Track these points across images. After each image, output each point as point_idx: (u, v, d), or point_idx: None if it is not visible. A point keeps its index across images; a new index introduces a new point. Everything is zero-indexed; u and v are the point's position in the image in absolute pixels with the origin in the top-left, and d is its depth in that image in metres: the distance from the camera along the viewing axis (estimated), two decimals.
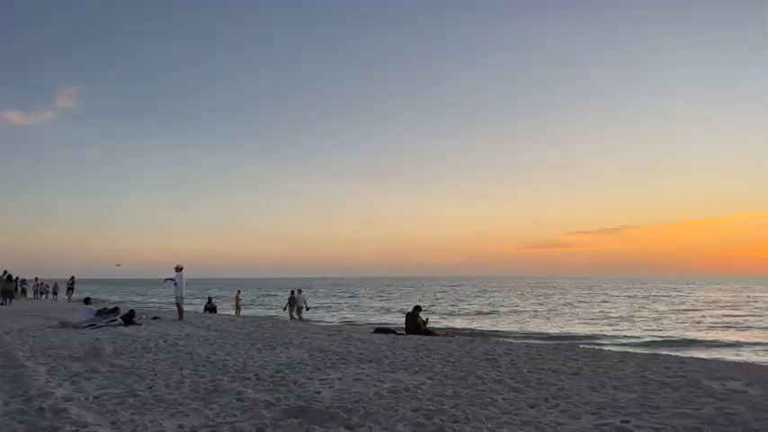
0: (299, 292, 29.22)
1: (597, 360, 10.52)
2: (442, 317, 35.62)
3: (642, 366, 9.75)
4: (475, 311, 41.54)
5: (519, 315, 37.60)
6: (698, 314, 37.29)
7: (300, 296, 28.92)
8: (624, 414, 6.14)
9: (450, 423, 5.65)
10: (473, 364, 9.68)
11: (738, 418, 5.97)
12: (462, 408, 6.35)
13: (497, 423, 5.73)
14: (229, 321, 21.52)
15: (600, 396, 7.11)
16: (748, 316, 35.52)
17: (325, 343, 13.04)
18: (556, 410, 6.35)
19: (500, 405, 6.55)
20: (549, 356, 10.93)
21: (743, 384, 7.99)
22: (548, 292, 79.73)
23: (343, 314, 40.58)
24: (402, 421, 5.73)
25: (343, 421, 5.72)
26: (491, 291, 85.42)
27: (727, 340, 22.87)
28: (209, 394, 7.13)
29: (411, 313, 18.51)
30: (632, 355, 12.28)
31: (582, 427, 5.60)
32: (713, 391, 7.46)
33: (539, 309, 43.83)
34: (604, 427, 5.62)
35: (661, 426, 5.66)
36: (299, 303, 28.53)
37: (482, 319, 35.22)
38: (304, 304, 28.92)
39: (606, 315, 36.94)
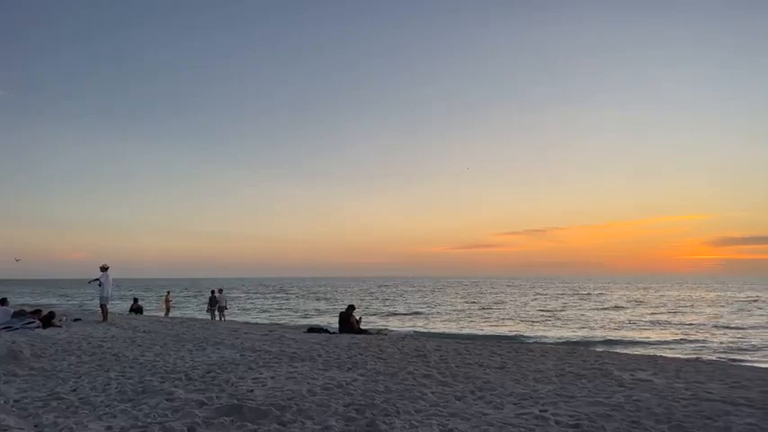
0: (219, 292, 28.75)
1: (521, 355, 11.06)
2: (376, 316, 35.94)
3: (562, 360, 10.35)
4: (408, 311, 42.15)
5: (451, 314, 38.49)
6: (620, 312, 39.47)
7: (222, 296, 28.49)
8: (543, 404, 6.57)
9: (382, 416, 5.85)
10: (404, 361, 9.95)
11: (644, 404, 6.52)
12: (393, 402, 6.57)
13: (426, 415, 5.99)
14: (157, 322, 20.91)
15: (522, 387, 7.54)
16: (664, 313, 37.96)
17: (258, 343, 12.98)
18: (481, 402, 6.69)
19: (429, 398, 6.83)
20: (477, 352, 11.38)
21: (649, 374, 8.67)
22: (479, 291, 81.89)
23: (275, 314, 40.16)
24: (335, 416, 5.88)
25: (276, 418, 5.80)
26: (425, 290, 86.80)
27: (641, 336, 24.40)
28: (137, 395, 7.01)
29: (344, 312, 18.65)
30: (553, 349, 12.95)
31: (504, 417, 5.95)
32: (623, 380, 8.06)
33: (470, 307, 45.00)
34: (525, 415, 6.00)
35: (575, 413, 6.10)
36: (220, 303, 28.11)
37: (415, 318, 35.80)
38: (225, 304, 28.57)
39: (534, 314, 38.44)
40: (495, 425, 5.58)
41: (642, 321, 31.86)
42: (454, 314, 38.07)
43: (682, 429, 5.48)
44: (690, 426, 5.61)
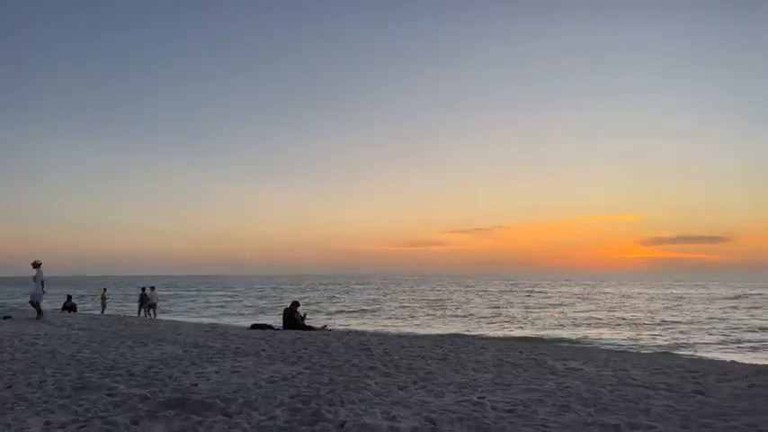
0: (151, 290, 28.16)
1: (462, 347, 11.45)
2: (321, 313, 35.93)
3: (500, 351, 10.79)
4: (354, 308, 42.33)
5: (396, 311, 38.93)
6: (560, 308, 40.97)
7: (153, 293, 27.92)
8: (481, 391, 6.88)
9: (327, 406, 6.00)
10: (349, 354, 10.13)
11: (574, 391, 6.95)
12: (338, 392, 6.73)
13: (370, 404, 6.18)
14: (93, 320, 20.25)
15: (461, 377, 7.85)
16: (602, 309, 39.70)
17: (201, 339, 12.85)
18: (423, 391, 6.95)
19: (373, 389, 7.02)
20: (420, 345, 11.69)
21: (580, 364, 9.18)
22: (426, 288, 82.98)
23: (217, 311, 39.50)
24: (280, 407, 5.98)
25: (222, 410, 5.85)
26: (371, 288, 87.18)
27: (579, 330, 25.50)
28: (76, 392, 6.87)
29: (289, 309, 18.63)
30: (493, 342, 13.45)
31: (444, 404, 6.22)
32: (556, 369, 8.52)
33: (417, 305, 45.62)
34: (464, 402, 6.29)
35: (511, 399, 6.44)
36: (151, 300, 27.54)
37: (361, 315, 36.03)
38: (157, 301, 28.05)
39: (478, 311, 39.39)
40: (436, 411, 5.84)
41: (581, 316, 33.25)
42: (399, 311, 38.53)
43: (607, 412, 5.90)
44: (614, 408, 6.04)
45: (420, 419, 5.54)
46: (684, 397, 6.68)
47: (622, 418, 5.61)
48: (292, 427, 5.25)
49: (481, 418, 5.61)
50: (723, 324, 26.63)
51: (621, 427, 5.30)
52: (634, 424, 5.42)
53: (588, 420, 5.56)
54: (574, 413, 5.84)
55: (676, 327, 25.91)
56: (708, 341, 20.26)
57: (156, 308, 27.63)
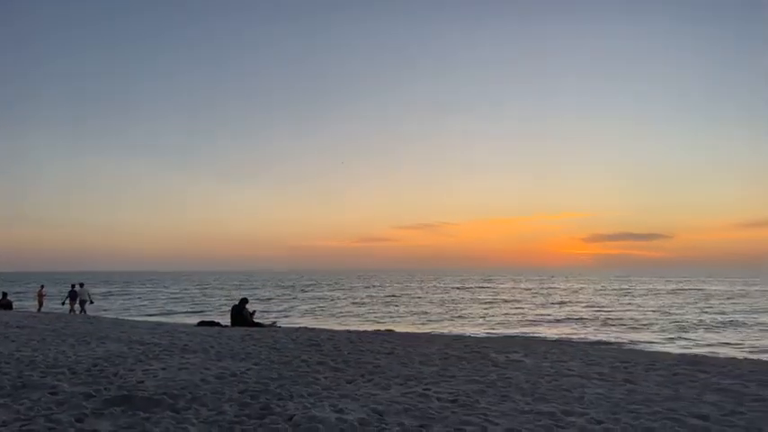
0: (80, 286, 27.36)
1: (409, 341, 11.72)
2: (272, 311, 35.65)
3: (446, 345, 11.11)
4: (306, 305, 42.18)
5: (349, 307, 39.02)
6: (508, 303, 42.04)
7: (83, 290, 27.14)
8: (426, 383, 7.14)
9: (275, 400, 6.11)
10: (298, 350, 10.22)
11: (514, 381, 7.29)
12: (287, 387, 6.84)
13: (318, 398, 6.33)
14: (32, 317, 19.50)
15: (408, 370, 8.09)
16: (546, 304, 40.97)
17: (146, 336, 12.63)
18: (370, 384, 7.14)
19: (322, 383, 7.17)
20: (368, 340, 11.89)
21: (521, 356, 9.59)
22: (376, 284, 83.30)
23: (165, 308, 38.58)
24: (229, 402, 6.04)
25: (170, 406, 5.87)
26: (321, 284, 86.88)
27: (524, 323, 26.31)
28: (16, 390, 6.71)
29: (237, 306, 18.49)
30: (440, 337, 13.80)
31: (391, 396, 6.43)
32: (498, 361, 8.89)
33: (369, 300, 45.83)
34: (409, 394, 6.52)
35: (454, 390, 6.72)
36: (81, 297, 26.77)
37: (312, 311, 35.95)
38: (88, 298, 27.29)
39: (428, 307, 39.95)
40: (383, 403, 6.04)
41: (527, 310, 34.24)
42: (351, 308, 38.65)
43: (543, 401, 6.25)
44: (550, 397, 6.41)
45: (367, 411, 5.72)
46: (615, 385, 7.13)
47: (557, 406, 5.96)
48: (241, 421, 5.34)
49: (426, 408, 5.84)
50: (657, 316, 28.01)
51: (556, 414, 5.64)
52: (568, 411, 5.78)
53: (525, 409, 5.88)
54: (512, 402, 6.16)
55: (615, 320, 27.07)
56: (643, 333, 21.31)
57: (86, 304, 26.87)
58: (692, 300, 41.81)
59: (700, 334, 20.65)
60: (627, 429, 5.11)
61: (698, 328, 22.73)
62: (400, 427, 5.06)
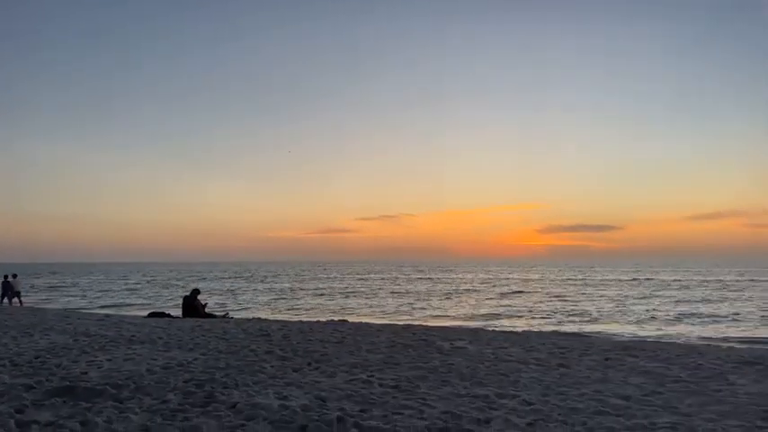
0: (13, 277, 26.64)
1: (359, 331, 11.93)
2: (226, 302, 35.32)
3: (395, 334, 11.37)
4: (262, 296, 41.92)
5: (306, 299, 39.00)
6: (466, 294, 42.77)
7: (16, 281, 26.44)
8: (371, 371, 7.35)
9: (221, 389, 6.20)
10: (247, 340, 10.28)
11: (455, 367, 7.59)
12: (233, 376, 6.94)
13: (264, 386, 6.46)
14: None
15: (355, 358, 8.29)
16: (503, 294, 41.91)
17: (93, 328, 12.44)
18: (316, 372, 7.31)
19: (268, 371, 7.29)
20: (319, 330, 12.04)
21: (466, 343, 9.93)
22: (334, 275, 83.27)
23: (114, 300, 37.71)
24: (173, 391, 6.11)
25: (112, 396, 5.89)
26: (281, 275, 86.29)
27: (478, 313, 26.92)
28: None
29: (189, 297, 18.31)
30: (391, 326, 14.06)
31: (335, 383, 6.61)
32: (443, 348, 9.19)
33: (327, 291, 45.86)
34: (354, 381, 6.72)
35: (397, 376, 6.96)
36: (15, 288, 26.08)
37: (268, 303, 35.78)
38: (20, 289, 26.62)
39: (385, 297, 40.30)
40: (326, 390, 6.22)
41: (483, 300, 34.99)
42: (308, 299, 38.65)
43: (480, 385, 6.56)
44: (487, 381, 6.72)
45: (310, 398, 5.89)
46: (549, 370, 7.51)
47: (493, 390, 6.27)
48: (184, 409, 5.42)
49: (368, 394, 6.06)
50: (611, 306, 29.08)
51: (490, 396, 5.94)
52: (502, 394, 6.09)
53: (463, 392, 6.17)
54: (451, 386, 6.44)
55: (568, 309, 27.98)
56: (586, 320, 22.16)
57: (20, 295, 26.15)
58: (645, 289, 43.51)
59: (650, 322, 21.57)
60: (554, 410, 5.44)
61: (648, 316, 23.75)
62: (341, 412, 5.24)
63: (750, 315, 23.52)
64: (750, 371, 7.42)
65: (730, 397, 5.97)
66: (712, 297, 33.45)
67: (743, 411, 5.40)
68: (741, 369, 7.52)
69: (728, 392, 6.18)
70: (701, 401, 5.79)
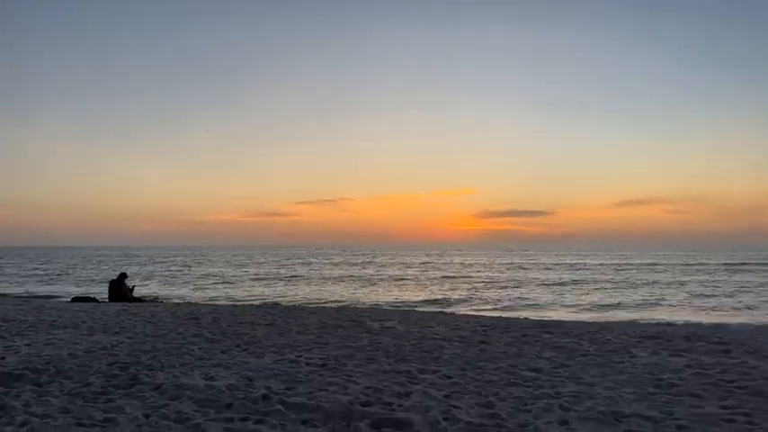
0: None
1: (291, 313, 12.03)
2: (155, 286, 34.39)
3: (327, 316, 11.55)
4: (196, 280, 41.02)
5: (240, 284, 38.49)
6: (403, 280, 43.38)
7: None
8: (300, 351, 7.51)
9: (146, 371, 6.20)
10: (175, 323, 10.18)
11: (382, 345, 7.86)
12: (159, 358, 6.92)
13: (190, 367, 6.49)
14: None
15: (284, 339, 8.42)
16: (436, 278, 42.81)
17: (11, 312, 11.92)
18: (245, 353, 7.39)
19: (196, 353, 7.31)
20: (251, 313, 12.05)
21: (395, 323, 10.24)
22: (272, 259, 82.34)
23: (42, 284, 35.93)
24: (96, 375, 6.05)
25: (32, 380, 5.79)
26: (216, 259, 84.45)
27: (416, 295, 27.48)
28: None
29: (115, 281, 17.77)
30: (323, 308, 14.24)
31: (263, 363, 6.73)
32: (372, 328, 9.45)
33: (263, 275, 45.38)
34: (282, 361, 6.86)
35: (325, 356, 7.15)
36: None
37: (201, 287, 35.09)
38: None
39: (324, 281, 40.35)
40: (254, 370, 6.33)
41: (423, 282, 35.69)
42: (242, 283, 38.18)
43: (404, 361, 6.85)
44: (411, 358, 7.02)
45: (237, 377, 5.99)
46: (471, 346, 7.90)
47: (415, 365, 6.57)
48: (107, 391, 5.41)
49: (294, 372, 6.22)
50: (543, 288, 30.37)
51: (412, 372, 6.24)
52: (424, 369, 6.40)
53: (387, 369, 6.43)
54: (377, 364, 6.69)
55: (492, 290, 29.03)
56: (514, 301, 23.12)
57: None
58: (576, 271, 45.59)
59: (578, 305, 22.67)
60: (470, 382, 5.79)
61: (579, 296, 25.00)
62: (267, 390, 5.38)
63: (672, 298, 25.18)
64: (650, 344, 8.09)
65: (630, 368, 6.53)
66: (638, 281, 35.44)
67: (638, 380, 5.93)
68: (643, 343, 8.19)
69: (629, 364, 6.74)
70: (604, 372, 6.30)
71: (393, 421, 4.48)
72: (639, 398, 5.20)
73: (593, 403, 4.99)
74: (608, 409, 4.80)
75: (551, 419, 4.53)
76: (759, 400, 5.12)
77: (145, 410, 4.77)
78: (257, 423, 4.43)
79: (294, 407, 4.83)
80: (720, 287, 28.84)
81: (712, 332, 10.00)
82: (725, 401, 5.07)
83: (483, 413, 4.69)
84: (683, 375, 6.13)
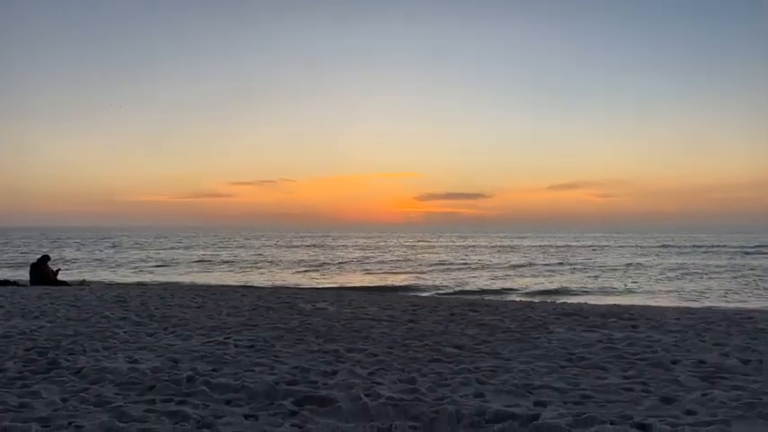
0: None
1: (223, 296, 11.94)
2: (82, 269, 33.00)
3: (259, 298, 11.53)
4: (127, 262, 39.58)
5: (176, 266, 37.44)
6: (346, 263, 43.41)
7: None
8: (228, 332, 7.50)
9: (66, 355, 6.05)
10: (101, 307, 9.91)
11: (312, 326, 7.97)
12: (81, 343, 6.75)
13: (114, 350, 6.38)
14: None
15: (214, 321, 8.38)
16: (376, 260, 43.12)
17: None
18: (172, 336, 7.32)
19: (121, 337, 7.18)
20: (180, 296, 11.87)
21: (328, 304, 10.37)
22: (209, 240, 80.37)
23: None
24: (13, 359, 5.85)
25: None
26: (149, 240, 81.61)
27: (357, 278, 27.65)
28: None
29: (36, 264, 16.98)
30: (257, 290, 14.18)
31: (190, 345, 6.70)
32: (304, 310, 9.54)
33: (201, 257, 44.29)
34: (210, 343, 6.85)
35: (255, 337, 7.18)
36: None
37: (134, 269, 33.95)
38: None
39: (259, 262, 39.84)
40: (180, 352, 6.29)
41: (362, 264, 35.89)
42: (178, 266, 37.19)
43: (333, 341, 6.98)
44: (340, 338, 7.17)
45: (163, 360, 5.95)
46: (399, 325, 8.14)
47: (343, 345, 6.72)
48: (24, 376, 5.27)
49: (222, 354, 6.23)
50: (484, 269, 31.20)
51: (340, 351, 6.38)
52: (352, 348, 6.56)
53: (315, 349, 6.55)
54: (305, 344, 6.80)
55: (431, 270, 29.64)
56: (448, 282, 23.73)
57: None
58: (515, 252, 47.03)
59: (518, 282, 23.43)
60: (395, 360, 5.99)
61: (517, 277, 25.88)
62: (192, 372, 5.37)
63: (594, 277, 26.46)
64: (567, 320, 8.59)
65: (545, 343, 6.93)
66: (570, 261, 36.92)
67: (553, 354, 6.32)
68: (560, 320, 8.67)
69: (545, 340, 7.15)
70: (521, 347, 6.66)
71: (317, 399, 4.60)
72: (551, 371, 5.55)
73: (509, 377, 5.29)
74: (521, 381, 5.10)
75: (468, 393, 4.78)
76: (657, 371, 5.57)
77: (63, 395, 4.69)
78: (179, 404, 4.45)
79: (219, 387, 4.87)
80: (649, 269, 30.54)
81: (625, 310, 10.69)
82: (627, 372, 5.49)
83: (404, 388, 4.89)
84: (593, 349, 6.56)
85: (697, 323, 8.52)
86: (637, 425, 3.87)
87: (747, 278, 23.93)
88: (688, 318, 9.19)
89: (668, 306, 13.13)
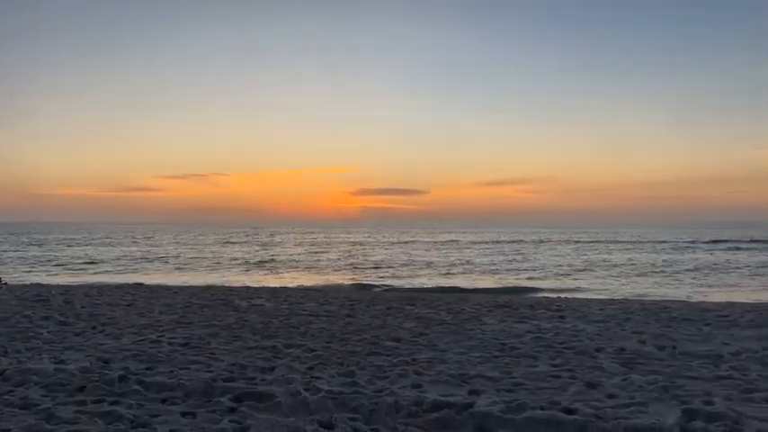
0: None
1: (154, 293, 11.57)
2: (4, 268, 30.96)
3: (193, 295, 11.26)
4: (48, 259, 37.44)
5: (97, 264, 35.78)
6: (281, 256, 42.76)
7: None
8: (161, 331, 7.31)
9: None
10: (21, 306, 9.39)
11: (249, 323, 7.88)
12: (1, 343, 6.39)
13: (39, 351, 6.08)
14: None
15: (146, 320, 8.12)
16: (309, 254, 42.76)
17: None
18: (101, 335, 7.05)
19: (45, 337, 6.85)
20: (108, 293, 11.40)
21: (264, 301, 10.26)
22: (134, 236, 77.27)
23: None
24: None
25: None
26: (69, 235, 77.45)
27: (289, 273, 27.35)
28: None
29: None
30: (188, 287, 13.81)
31: (121, 344, 6.48)
32: (240, 306, 9.40)
33: (123, 253, 42.50)
34: (142, 341, 6.65)
35: (189, 335, 7.03)
36: None
37: (56, 266, 32.19)
38: None
39: (186, 259, 38.67)
40: (110, 352, 6.08)
41: (297, 260, 35.48)
42: (102, 264, 35.55)
43: (271, 337, 6.94)
44: (277, 334, 7.14)
45: (92, 360, 5.73)
46: (337, 320, 8.18)
47: (281, 341, 6.70)
48: None
49: (155, 353, 6.06)
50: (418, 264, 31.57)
51: (278, 347, 6.36)
52: (289, 344, 6.54)
53: (252, 345, 6.49)
54: (242, 341, 6.72)
55: (367, 267, 29.77)
56: (385, 278, 23.96)
57: None
58: (451, 247, 47.81)
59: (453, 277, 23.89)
60: (334, 354, 6.04)
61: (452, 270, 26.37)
62: (124, 371, 5.21)
63: (529, 268, 27.42)
64: (499, 312, 8.91)
65: (479, 334, 7.17)
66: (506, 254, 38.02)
67: (486, 345, 6.56)
68: (492, 312, 8.99)
69: (479, 331, 7.40)
70: (457, 339, 6.87)
71: (256, 395, 4.58)
72: (485, 360, 5.77)
73: (445, 367, 5.45)
74: (456, 372, 5.28)
75: (406, 384, 4.90)
76: (583, 358, 5.90)
77: None
78: (112, 404, 4.32)
79: (153, 386, 4.76)
80: (569, 263, 31.96)
81: (552, 301, 11.19)
82: (555, 360, 5.79)
83: (343, 382, 4.95)
84: (523, 339, 6.86)
85: (618, 313, 9.05)
86: (564, 409, 4.11)
87: (666, 272, 25.54)
88: (610, 308, 9.73)
89: (592, 298, 13.82)
